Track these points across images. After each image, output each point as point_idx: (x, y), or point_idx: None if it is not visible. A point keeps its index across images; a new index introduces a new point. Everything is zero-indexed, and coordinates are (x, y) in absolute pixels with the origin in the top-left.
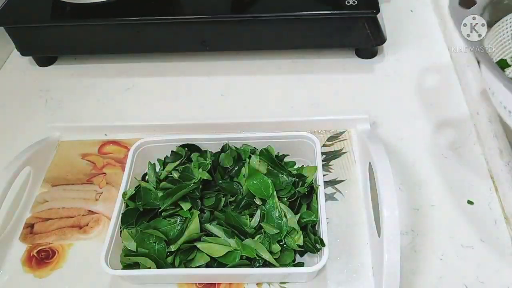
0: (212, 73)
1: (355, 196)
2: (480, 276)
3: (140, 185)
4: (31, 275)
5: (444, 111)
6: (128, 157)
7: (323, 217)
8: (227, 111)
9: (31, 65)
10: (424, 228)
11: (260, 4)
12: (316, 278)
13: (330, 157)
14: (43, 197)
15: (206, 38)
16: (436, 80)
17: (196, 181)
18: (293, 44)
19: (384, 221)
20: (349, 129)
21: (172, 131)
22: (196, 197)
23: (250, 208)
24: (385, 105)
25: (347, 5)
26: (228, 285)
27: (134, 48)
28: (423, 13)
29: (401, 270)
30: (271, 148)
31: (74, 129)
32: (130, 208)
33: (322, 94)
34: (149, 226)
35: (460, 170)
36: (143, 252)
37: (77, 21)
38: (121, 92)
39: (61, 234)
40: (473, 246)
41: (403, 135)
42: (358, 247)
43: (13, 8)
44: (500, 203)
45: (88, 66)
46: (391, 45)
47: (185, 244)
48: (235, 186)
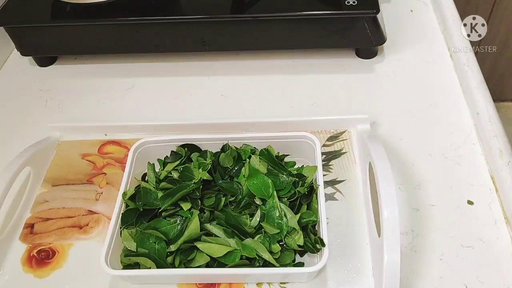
0: (212, 73)
1: (355, 196)
2: (480, 276)
3: (140, 185)
4: (31, 275)
5: (444, 111)
6: (128, 157)
7: (323, 217)
8: (227, 111)
9: (31, 65)
10: (424, 228)
11: (260, 4)
12: (316, 278)
13: (330, 157)
14: (43, 197)
15: (206, 38)
16: (436, 80)
17: (196, 181)
18: (293, 44)
19: (384, 221)
20: (349, 129)
21: (172, 131)
22: (196, 197)
23: (250, 208)
24: (385, 105)
25: (347, 5)
26: (228, 285)
27: (134, 48)
28: (423, 13)
29: (401, 270)
30: (271, 148)
31: (74, 129)
32: (130, 208)
33: (322, 94)
34: (149, 226)
35: (460, 170)
36: (143, 252)
37: (77, 21)
38: (121, 92)
39: (61, 234)
40: (473, 246)
41: (403, 135)
42: (358, 247)
43: (13, 8)
44: (500, 203)
45: (88, 66)
46: (391, 45)
47: (185, 244)
48: (235, 186)
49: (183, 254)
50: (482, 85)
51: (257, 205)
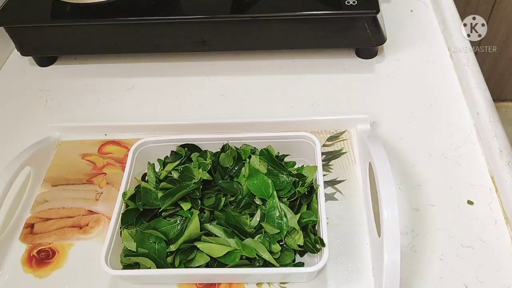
0: (212, 73)
1: (355, 196)
2: (480, 276)
3: (140, 185)
4: (31, 275)
5: (444, 111)
6: (128, 157)
7: (323, 217)
8: (227, 111)
9: (31, 65)
10: (424, 228)
11: (260, 4)
12: (316, 278)
13: (330, 157)
14: (43, 197)
15: (206, 38)
16: (436, 80)
17: (196, 181)
18: (293, 44)
19: (384, 221)
20: (349, 129)
21: (172, 131)
22: (196, 197)
23: (250, 208)
24: (385, 105)
25: (347, 5)
26: (228, 285)
27: (134, 48)
28: (423, 13)
29: (401, 270)
30: (271, 148)
31: (74, 129)
32: (130, 208)
33: (322, 94)
34: (149, 226)
35: (460, 170)
36: (143, 252)
37: (77, 21)
38: (121, 92)
39: (61, 234)
40: (473, 246)
41: (403, 135)
42: (358, 247)
43: (13, 8)
44: (500, 203)
45: (88, 66)
46: (391, 45)
47: (185, 244)
48: (235, 186)
49: (183, 254)
50: (482, 85)
51: (257, 205)
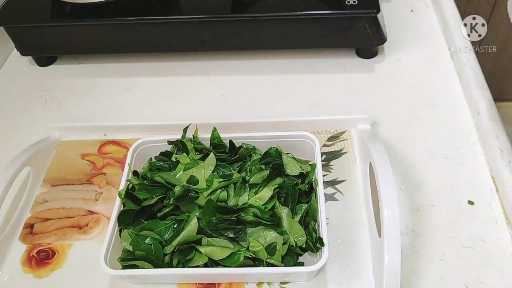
0: (212, 73)
1: (355, 196)
2: (480, 276)
3: (130, 181)
4: (31, 275)
5: (444, 111)
6: (128, 157)
7: (323, 217)
8: (227, 111)
9: (31, 65)
10: (425, 228)
11: (260, 4)
12: (316, 278)
13: (331, 157)
14: (43, 197)
15: (206, 38)
16: (437, 80)
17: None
18: (293, 44)
19: (385, 221)
20: (349, 129)
21: (172, 131)
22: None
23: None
24: (386, 105)
25: (348, 5)
26: (228, 285)
27: (134, 48)
28: (423, 13)
29: (401, 270)
30: (280, 148)
31: (74, 129)
32: (125, 209)
33: (322, 94)
34: (144, 228)
35: (461, 170)
36: (140, 254)
37: (77, 21)
38: (121, 92)
39: (61, 234)
40: (473, 247)
41: (403, 135)
42: (358, 247)
43: (13, 8)
44: (500, 203)
45: (88, 66)
46: (392, 45)
47: (182, 245)
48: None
49: (181, 254)
50: (483, 85)
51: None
